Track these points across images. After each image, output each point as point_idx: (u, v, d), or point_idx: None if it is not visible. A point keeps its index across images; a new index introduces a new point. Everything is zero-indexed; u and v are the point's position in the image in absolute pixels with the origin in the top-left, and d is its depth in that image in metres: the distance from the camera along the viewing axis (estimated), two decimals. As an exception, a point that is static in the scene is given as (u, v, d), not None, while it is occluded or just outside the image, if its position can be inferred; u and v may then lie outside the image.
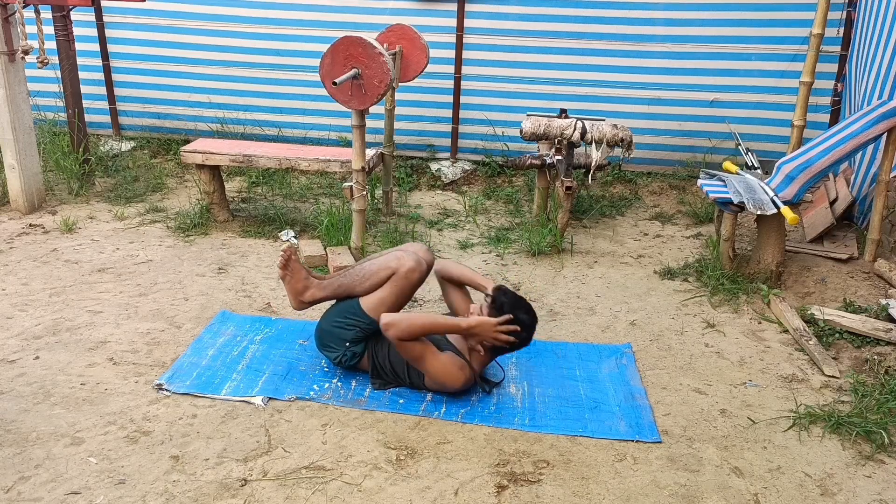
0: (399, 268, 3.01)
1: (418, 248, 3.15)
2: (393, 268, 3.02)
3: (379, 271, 3.04)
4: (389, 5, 5.61)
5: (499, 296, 2.90)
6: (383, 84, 3.72)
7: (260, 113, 5.99)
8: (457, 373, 2.88)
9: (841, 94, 5.25)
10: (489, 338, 2.87)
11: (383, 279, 3.03)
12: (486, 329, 2.85)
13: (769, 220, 3.96)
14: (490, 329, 2.85)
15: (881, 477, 2.59)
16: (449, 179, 5.78)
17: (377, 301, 3.01)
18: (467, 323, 2.85)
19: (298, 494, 2.41)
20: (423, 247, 3.18)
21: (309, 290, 3.17)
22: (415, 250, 3.11)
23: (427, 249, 3.16)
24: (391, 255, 3.09)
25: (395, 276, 3.01)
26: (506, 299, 2.89)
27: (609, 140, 4.41)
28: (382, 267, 3.04)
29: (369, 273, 3.07)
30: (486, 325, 2.84)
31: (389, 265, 3.03)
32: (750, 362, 3.35)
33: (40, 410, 2.80)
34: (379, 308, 3.00)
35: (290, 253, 3.15)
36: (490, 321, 2.84)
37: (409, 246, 3.18)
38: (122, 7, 5.78)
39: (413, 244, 3.22)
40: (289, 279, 3.16)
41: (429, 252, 3.15)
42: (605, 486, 2.50)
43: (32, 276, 3.95)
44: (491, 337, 2.86)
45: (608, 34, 5.46)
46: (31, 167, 4.84)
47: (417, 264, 3.02)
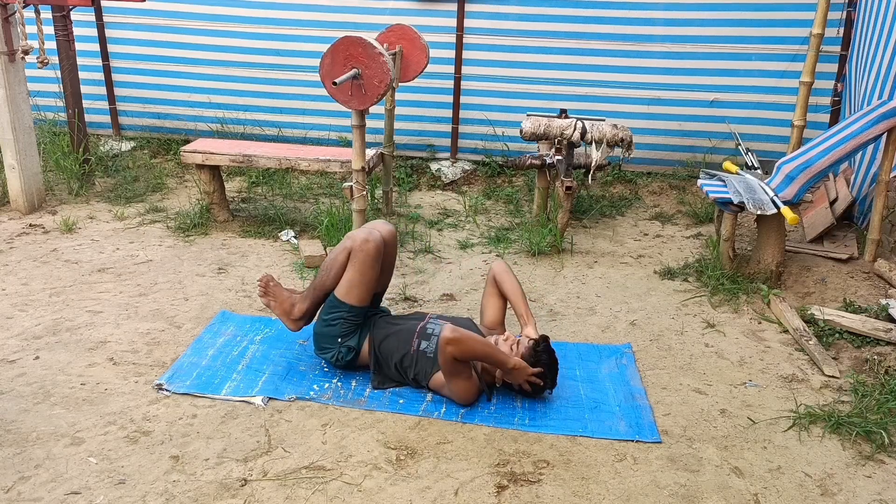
0: (352, 245, 3.03)
1: (373, 222, 3.22)
2: (347, 247, 3.05)
3: (337, 256, 3.08)
4: (389, 5, 5.61)
5: (541, 352, 2.95)
6: (383, 84, 3.72)
7: (260, 113, 5.99)
8: (474, 397, 2.94)
9: (841, 94, 5.25)
10: (519, 381, 2.94)
11: (343, 262, 3.05)
12: (521, 374, 2.92)
13: (769, 220, 3.96)
14: (523, 375, 2.92)
15: (881, 477, 2.59)
16: (449, 179, 5.78)
17: (346, 284, 3.04)
18: (512, 363, 2.89)
19: (298, 494, 2.41)
20: (379, 221, 3.24)
21: (295, 305, 3.20)
22: (368, 225, 3.18)
23: (383, 222, 3.22)
24: (344, 238, 3.13)
25: (352, 253, 3.03)
26: (545, 358, 2.95)
27: (609, 140, 4.41)
28: (339, 251, 3.08)
29: (331, 263, 3.10)
30: (524, 371, 2.91)
31: (344, 245, 3.07)
32: (750, 362, 3.35)
33: (40, 410, 2.80)
34: (351, 290, 3.02)
35: (267, 279, 3.22)
36: (528, 370, 2.91)
37: (365, 224, 3.24)
38: (122, 7, 5.78)
39: (371, 222, 3.28)
40: (274, 304, 3.22)
41: (384, 223, 3.21)
42: (605, 486, 2.50)
43: (32, 276, 3.95)
44: (520, 382, 2.94)
45: (608, 34, 5.46)
46: (31, 167, 4.84)
47: (368, 233, 3.05)
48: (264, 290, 3.21)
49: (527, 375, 2.91)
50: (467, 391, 2.89)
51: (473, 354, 2.84)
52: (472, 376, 2.91)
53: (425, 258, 4.41)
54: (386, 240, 3.12)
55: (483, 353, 2.87)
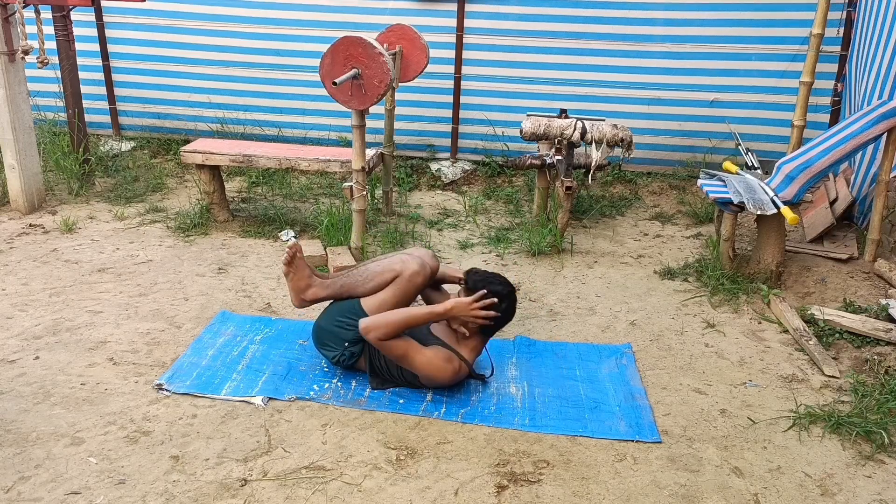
0: (403, 271, 3.01)
1: (423, 252, 3.15)
2: (397, 270, 3.03)
3: (383, 272, 3.05)
4: (389, 5, 5.61)
5: (469, 276, 2.96)
6: (383, 84, 3.72)
7: (260, 113, 6.00)
8: (444, 365, 2.89)
9: (841, 94, 5.25)
10: (468, 317, 2.90)
11: (387, 281, 3.04)
12: (462, 309, 2.88)
13: (769, 220, 3.96)
14: (466, 308, 2.88)
15: (881, 477, 2.59)
16: (449, 179, 5.78)
17: (379, 302, 3.02)
18: (442, 307, 2.87)
19: (298, 494, 2.41)
20: (428, 252, 3.18)
21: (311, 288, 3.17)
22: (420, 255, 3.11)
23: (432, 255, 3.16)
24: (396, 258, 3.09)
25: (399, 278, 3.01)
26: (477, 277, 2.95)
27: (609, 140, 4.41)
28: (386, 269, 3.05)
29: (373, 274, 3.07)
30: (461, 305, 2.87)
31: (394, 268, 3.04)
32: (750, 362, 3.35)
33: (40, 410, 2.80)
34: (380, 310, 3.00)
35: (296, 249, 3.16)
36: (465, 300, 2.88)
37: (414, 250, 3.18)
38: (122, 7, 5.78)
39: (418, 248, 3.22)
40: (292, 276, 3.17)
41: (434, 258, 3.16)
42: (605, 486, 2.50)
43: (32, 276, 3.95)
44: (470, 316, 2.89)
45: (608, 34, 5.46)
46: (31, 167, 4.84)
47: (421, 268, 3.03)
48: (290, 259, 3.14)
49: (468, 306, 2.87)
50: (431, 362, 2.87)
51: (396, 326, 2.83)
52: (420, 347, 2.88)
53: (425, 258, 4.41)
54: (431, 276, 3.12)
55: (405, 319, 2.86)
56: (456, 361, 2.92)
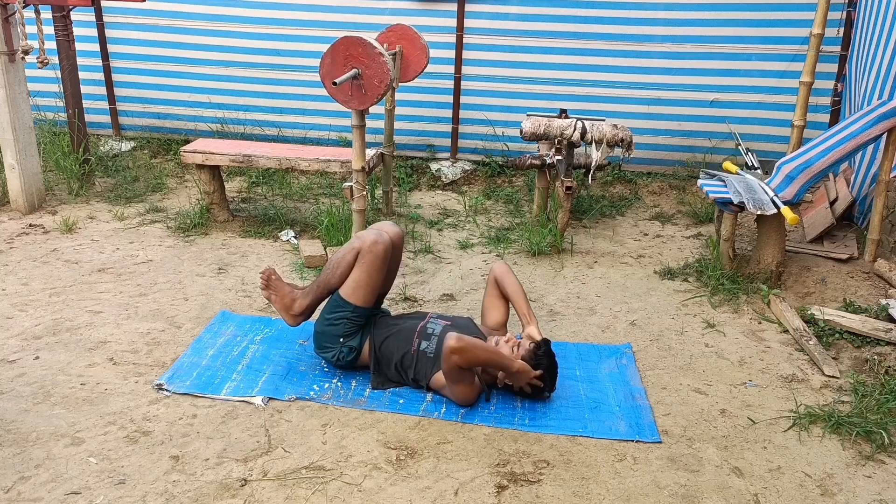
0: (361, 245, 3.03)
1: (382, 224, 3.20)
2: (356, 247, 3.04)
3: (345, 255, 3.07)
4: (389, 5, 5.61)
5: (541, 355, 2.95)
6: (383, 84, 3.72)
7: (260, 113, 6.00)
8: (474, 399, 2.94)
9: (841, 94, 5.25)
10: (521, 383, 2.94)
11: (351, 262, 3.04)
12: (524, 378, 2.92)
13: (769, 220, 3.96)
14: (526, 378, 2.92)
15: (881, 477, 2.59)
16: (449, 179, 5.78)
17: (352, 284, 3.03)
18: (515, 366, 2.89)
19: (298, 494, 2.41)
20: (386, 222, 3.23)
21: (296, 301, 3.18)
22: (376, 226, 3.16)
23: (392, 224, 3.21)
24: (353, 237, 3.13)
25: (360, 254, 3.02)
26: (546, 361, 2.95)
27: (609, 140, 4.41)
28: (347, 250, 3.07)
29: (338, 261, 3.09)
30: (526, 375, 2.91)
31: (353, 245, 3.06)
32: (750, 362, 3.35)
33: (40, 410, 2.79)
34: (356, 290, 3.02)
35: (269, 273, 3.19)
36: (530, 372, 2.91)
37: (372, 225, 3.22)
38: (122, 7, 5.78)
39: (378, 223, 3.26)
40: (274, 298, 3.19)
41: (393, 225, 3.20)
42: (605, 486, 2.50)
43: (32, 276, 3.95)
44: (523, 384, 2.94)
45: (608, 34, 5.46)
46: (31, 167, 4.84)
47: (378, 235, 3.04)
48: (266, 283, 3.18)
49: (528, 379, 2.91)
50: (468, 394, 2.89)
51: (478, 362, 2.84)
52: (475, 381, 2.91)
53: (425, 258, 4.41)
54: (394, 242, 3.12)
55: (487, 361, 2.87)
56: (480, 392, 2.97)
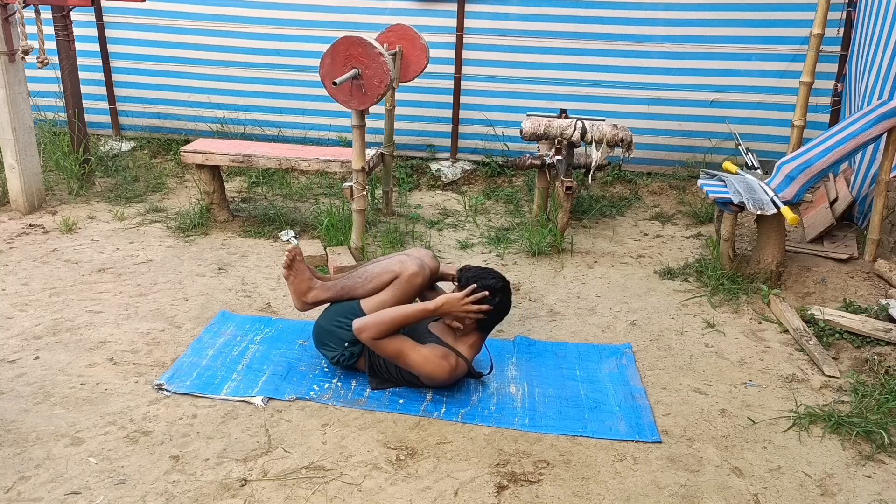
0: (402, 272, 3.01)
1: (423, 253, 3.15)
2: (396, 271, 3.02)
3: (382, 274, 3.05)
4: (389, 5, 5.61)
5: (462, 273, 2.96)
6: (383, 84, 3.72)
7: (260, 113, 6.00)
8: (440, 362, 2.88)
9: (841, 94, 5.25)
10: (461, 312, 2.89)
11: (386, 282, 3.04)
12: (454, 304, 2.87)
13: (769, 220, 3.96)
14: (458, 303, 2.87)
15: (881, 477, 2.59)
16: (449, 179, 5.78)
17: (378, 303, 3.01)
18: (434, 304, 2.87)
19: (298, 494, 2.41)
20: (428, 252, 3.18)
21: (312, 290, 3.17)
22: (420, 255, 3.12)
23: (432, 256, 3.17)
24: (395, 259, 3.09)
25: (398, 279, 3.01)
26: (469, 273, 2.95)
27: (609, 140, 4.41)
28: (385, 270, 3.05)
29: (372, 275, 3.07)
30: (452, 300, 2.87)
31: (393, 269, 3.04)
32: (750, 362, 3.35)
33: (40, 410, 2.79)
34: (379, 310, 3.00)
35: (296, 253, 3.16)
36: (456, 295, 2.88)
37: (413, 251, 3.18)
38: (122, 7, 5.78)
39: (418, 249, 3.22)
40: (292, 279, 3.17)
41: (433, 259, 3.16)
42: (605, 486, 2.50)
43: (32, 276, 3.95)
44: (462, 311, 2.89)
45: (608, 34, 5.46)
46: (31, 167, 4.84)
47: (421, 269, 3.03)
48: (290, 262, 3.15)
49: (460, 301, 2.87)
50: (427, 360, 2.86)
51: (388, 324, 2.83)
52: (415, 344, 2.87)
53: (425, 258, 4.41)
54: (431, 276, 3.12)
55: (397, 317, 2.85)
56: (453, 358, 2.91)
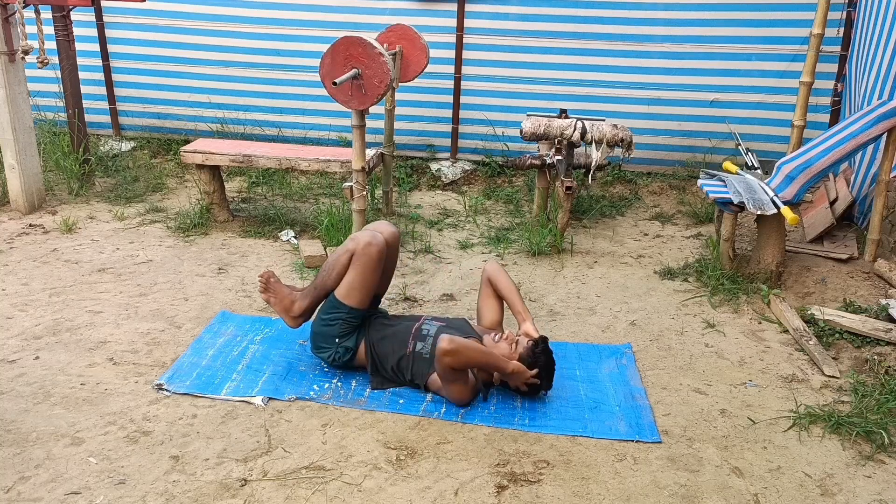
0: (356, 247, 3.03)
1: (377, 224, 3.21)
2: (350, 249, 3.05)
3: (339, 258, 3.08)
4: (389, 5, 5.61)
5: (539, 353, 2.94)
6: (383, 84, 3.72)
7: (260, 113, 5.99)
8: (470, 398, 2.93)
9: (841, 94, 5.25)
10: (518, 383, 2.94)
11: (346, 263, 3.05)
12: (520, 378, 2.92)
13: (769, 220, 3.96)
14: (522, 378, 2.92)
15: (881, 477, 2.59)
16: (449, 179, 5.78)
17: (346, 286, 3.04)
18: (510, 367, 2.89)
19: (298, 494, 2.41)
20: (383, 223, 3.24)
21: (295, 303, 3.18)
22: (371, 227, 3.17)
23: (387, 224, 3.21)
24: (347, 239, 3.13)
25: (355, 256, 3.03)
26: (543, 359, 2.94)
27: (609, 140, 4.41)
28: (341, 252, 3.08)
29: (333, 263, 3.10)
30: (522, 375, 2.91)
31: (347, 247, 3.07)
32: (750, 362, 3.35)
33: (40, 410, 2.79)
34: (351, 292, 3.02)
35: (268, 276, 3.19)
36: (526, 373, 2.91)
37: (368, 225, 3.22)
38: (122, 7, 5.78)
39: (374, 223, 3.27)
40: (273, 300, 3.19)
41: (388, 225, 3.20)
42: (605, 486, 2.50)
43: (32, 276, 3.95)
44: (519, 384, 2.94)
45: (608, 34, 5.46)
46: (31, 167, 4.84)
47: (372, 236, 3.04)
48: (265, 286, 3.19)
49: (525, 378, 2.91)
50: (463, 394, 2.89)
51: (470, 363, 2.84)
52: (469, 380, 2.90)
53: (425, 258, 4.41)
54: (389, 242, 3.12)
55: (480, 362, 2.87)
56: (476, 390, 2.96)
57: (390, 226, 3.22)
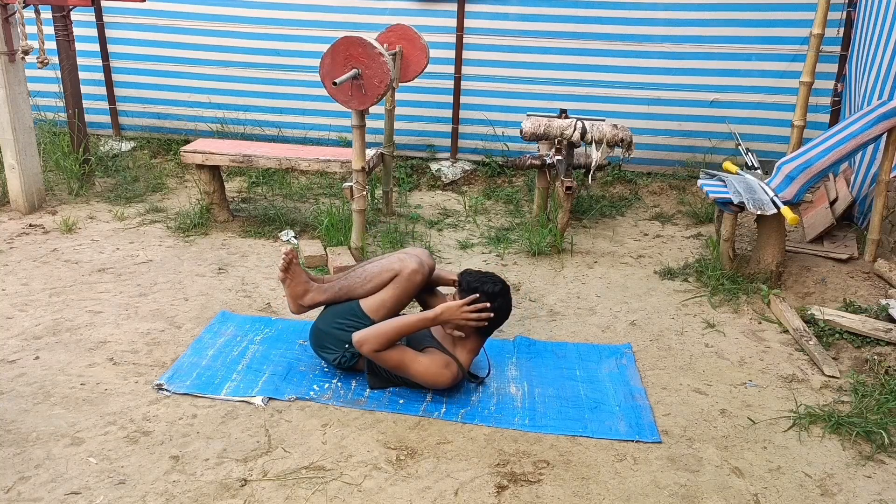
0: (402, 270, 3.00)
1: (420, 251, 3.15)
2: (396, 270, 3.02)
3: (381, 273, 3.04)
4: (389, 5, 5.61)
5: (463, 278, 2.94)
6: (383, 84, 3.72)
7: (260, 113, 6.00)
8: (442, 370, 2.87)
9: (841, 94, 5.25)
10: (460, 320, 2.87)
11: (385, 281, 3.03)
12: (453, 313, 2.85)
13: (769, 220, 3.96)
14: (457, 312, 2.85)
15: (881, 477, 2.59)
16: (449, 179, 5.78)
17: (378, 303, 3.01)
18: (433, 313, 2.85)
19: (298, 494, 2.41)
20: (424, 251, 3.17)
21: (308, 293, 3.15)
22: (417, 253, 3.11)
23: (429, 254, 3.16)
24: (394, 258, 3.08)
25: (398, 278, 3.00)
26: (470, 278, 2.93)
27: (609, 140, 4.41)
28: (385, 269, 3.04)
29: (371, 275, 3.06)
30: (451, 308, 2.85)
31: (392, 267, 3.03)
32: (750, 362, 3.35)
33: (40, 410, 2.80)
34: (380, 310, 3.00)
35: (292, 256, 3.13)
36: (455, 304, 2.85)
37: (411, 249, 3.18)
38: (122, 7, 5.78)
39: (415, 248, 3.21)
40: (289, 282, 3.15)
41: (430, 256, 3.15)
42: (605, 487, 2.50)
43: (32, 276, 3.95)
44: (462, 319, 2.87)
45: (608, 34, 5.46)
46: (31, 167, 4.84)
47: (420, 266, 3.02)
48: (286, 265, 3.12)
49: (459, 309, 2.85)
50: (428, 369, 2.85)
51: (388, 336, 2.82)
52: (415, 354, 2.86)
53: (425, 258, 4.41)
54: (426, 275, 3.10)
55: (398, 328, 2.84)
56: (454, 366, 2.90)
57: (431, 257, 3.16)
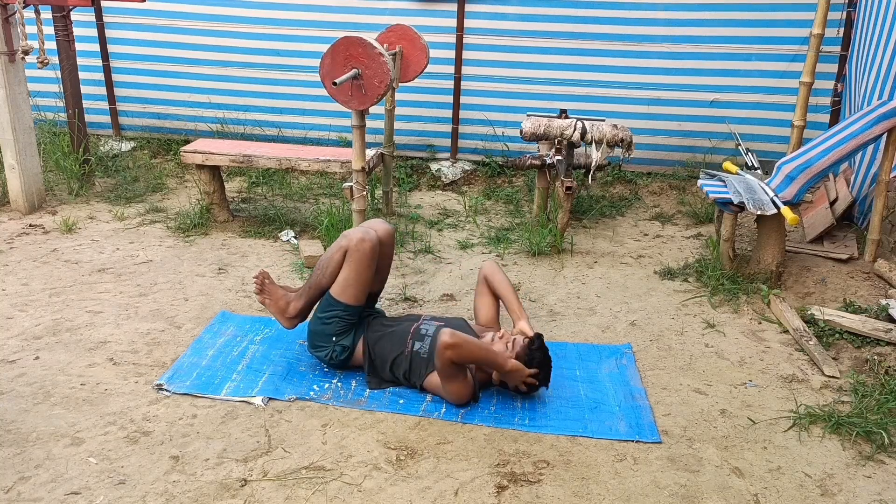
0: (349, 244, 3.03)
1: (370, 221, 3.22)
2: (344, 246, 3.05)
3: (332, 256, 3.08)
4: (389, 5, 5.61)
5: (535, 350, 2.94)
6: (383, 84, 3.72)
7: (260, 113, 6.00)
8: (468, 397, 2.93)
9: (841, 95, 5.25)
10: (519, 382, 2.94)
11: (339, 261, 3.05)
12: (517, 376, 2.92)
13: (769, 220, 3.96)
14: (520, 377, 2.92)
15: (881, 477, 2.59)
16: (449, 179, 5.78)
17: (341, 283, 3.04)
18: (509, 366, 2.89)
19: (298, 495, 2.41)
20: (377, 220, 3.24)
21: (290, 304, 3.19)
22: (365, 224, 3.18)
23: (381, 221, 3.22)
24: (340, 236, 3.13)
25: (348, 253, 3.03)
26: (539, 356, 2.94)
27: (609, 140, 4.41)
28: (334, 250, 3.08)
29: (327, 261, 3.10)
30: (520, 373, 2.91)
31: (340, 245, 3.07)
32: (750, 362, 3.35)
33: (40, 410, 2.79)
34: (346, 289, 3.03)
35: (263, 277, 3.20)
36: (524, 371, 2.91)
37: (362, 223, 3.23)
38: (122, 7, 5.78)
39: (368, 221, 3.28)
40: (269, 302, 3.20)
41: (382, 222, 3.21)
42: (605, 487, 2.50)
43: (32, 276, 3.95)
44: (520, 382, 2.94)
45: (608, 34, 5.46)
46: (31, 167, 4.84)
47: (364, 233, 3.04)
48: (260, 287, 3.20)
49: (522, 377, 2.91)
50: (461, 392, 2.89)
51: (471, 358, 2.84)
52: (468, 378, 2.90)
53: (425, 258, 4.41)
54: (382, 239, 3.12)
55: (480, 358, 2.87)
56: (474, 390, 2.95)
57: (384, 223, 3.22)
